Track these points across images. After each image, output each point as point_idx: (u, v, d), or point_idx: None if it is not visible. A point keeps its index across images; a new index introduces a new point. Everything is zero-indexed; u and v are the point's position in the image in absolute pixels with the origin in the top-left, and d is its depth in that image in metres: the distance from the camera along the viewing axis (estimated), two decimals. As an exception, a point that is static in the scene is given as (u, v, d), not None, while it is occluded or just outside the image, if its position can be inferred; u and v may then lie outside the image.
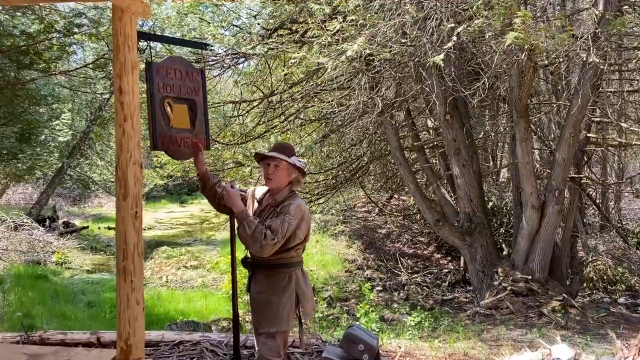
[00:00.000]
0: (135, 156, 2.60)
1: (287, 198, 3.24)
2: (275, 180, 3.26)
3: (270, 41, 5.86)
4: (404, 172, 7.73)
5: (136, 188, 2.61)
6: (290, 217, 3.11)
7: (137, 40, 2.61)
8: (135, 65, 2.58)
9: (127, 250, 2.60)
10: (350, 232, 12.54)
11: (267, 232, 3.04)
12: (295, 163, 3.26)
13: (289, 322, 3.21)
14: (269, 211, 3.25)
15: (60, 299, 9.76)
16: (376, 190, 12.64)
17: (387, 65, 5.60)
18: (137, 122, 2.60)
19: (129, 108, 2.57)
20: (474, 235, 7.34)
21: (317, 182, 9.34)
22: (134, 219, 2.60)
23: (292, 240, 3.18)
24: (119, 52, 2.56)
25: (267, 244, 3.02)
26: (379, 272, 10.67)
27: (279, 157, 3.22)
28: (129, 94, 2.57)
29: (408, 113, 8.11)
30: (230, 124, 7.19)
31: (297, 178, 3.31)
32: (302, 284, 3.29)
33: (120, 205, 2.60)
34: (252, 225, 3.04)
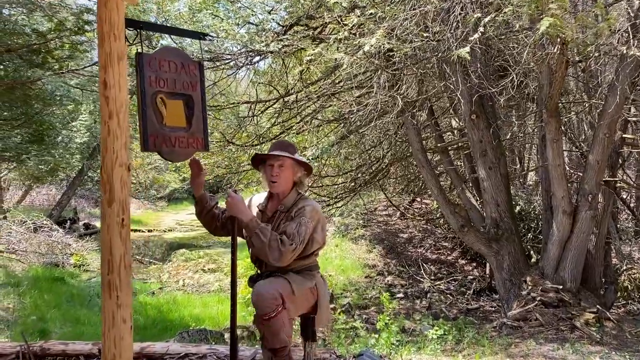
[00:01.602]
0: (121, 157, 2.32)
1: (298, 201, 2.97)
2: (281, 182, 2.98)
3: (284, 37, 5.58)
4: (426, 175, 7.36)
5: (123, 193, 2.33)
6: (306, 220, 2.87)
7: (124, 29, 2.34)
8: (121, 56, 2.31)
9: (113, 262, 2.32)
10: (370, 236, 12.19)
11: (284, 237, 2.78)
12: (306, 162, 2.99)
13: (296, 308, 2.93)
14: (279, 219, 2.97)
15: (75, 302, 9.64)
16: (397, 194, 12.27)
17: (408, 61, 5.26)
18: (124, 120, 2.32)
19: (114, 104, 2.29)
20: (501, 242, 6.95)
21: (336, 185, 9.03)
22: (120, 227, 2.33)
23: (310, 245, 2.93)
24: (103, 41, 2.29)
25: (286, 251, 2.77)
26: (401, 278, 10.30)
27: (282, 154, 2.93)
28: (114, 88, 2.29)
29: (431, 112, 7.74)
30: (245, 125, 6.93)
31: (301, 178, 3.03)
32: (323, 289, 3.04)
33: (105, 212, 2.33)
34: (267, 233, 2.78)
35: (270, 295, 2.77)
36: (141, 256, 14.50)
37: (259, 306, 2.79)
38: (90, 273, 12.22)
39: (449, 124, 9.37)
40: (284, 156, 2.96)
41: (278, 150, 2.99)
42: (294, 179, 3.01)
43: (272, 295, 2.77)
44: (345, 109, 6.80)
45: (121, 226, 2.34)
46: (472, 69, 5.68)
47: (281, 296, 2.80)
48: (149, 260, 14.03)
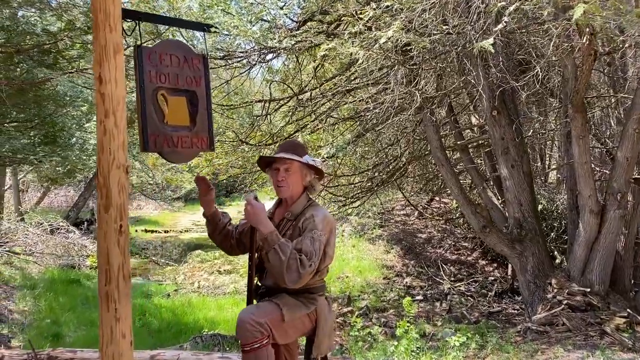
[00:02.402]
0: (119, 159, 2.15)
1: (307, 208, 2.71)
2: (287, 187, 2.73)
3: (297, 33, 5.39)
4: (446, 174, 7.12)
5: (121, 197, 2.16)
6: (319, 234, 2.58)
7: (121, 20, 2.16)
8: (118, 49, 2.13)
9: (111, 272, 2.15)
10: (388, 237, 11.95)
11: (303, 258, 2.48)
12: (309, 162, 2.74)
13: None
14: (286, 228, 2.73)
15: (90, 304, 9.58)
16: (416, 193, 12.00)
17: (426, 55, 5.04)
18: (121, 118, 2.15)
19: (110, 101, 2.12)
20: (525, 243, 6.68)
21: (352, 185, 8.82)
22: (118, 234, 2.15)
23: (322, 261, 2.64)
24: (98, 33, 2.12)
25: (305, 273, 2.47)
26: (420, 279, 10.05)
27: (289, 157, 2.71)
28: (110, 84, 2.12)
29: (450, 109, 7.49)
30: (259, 124, 6.75)
31: (312, 182, 2.78)
32: (324, 312, 2.76)
33: (101, 218, 2.15)
34: (287, 251, 2.48)
35: (254, 322, 2.50)
36: (157, 257, 14.46)
37: (241, 335, 2.52)
38: (106, 275, 12.16)
39: (469, 121, 9.10)
40: (290, 159, 2.73)
41: (284, 152, 2.74)
42: (303, 184, 2.78)
43: (256, 322, 2.50)
44: (361, 107, 6.58)
45: (119, 233, 2.16)
46: (493, 63, 5.43)
47: (267, 324, 2.53)
48: (165, 261, 13.97)
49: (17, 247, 11.98)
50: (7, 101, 5.88)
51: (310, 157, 2.78)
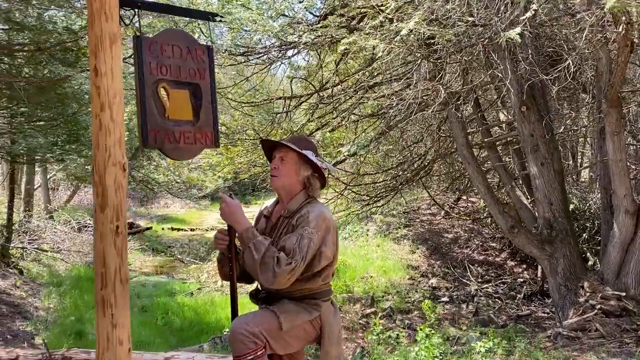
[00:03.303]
0: (115, 156, 2.04)
1: (304, 205, 2.55)
2: (278, 177, 2.56)
3: (317, 27, 5.23)
4: (472, 172, 6.87)
5: (118, 196, 2.05)
6: (309, 231, 2.39)
7: (119, 8, 2.05)
8: (114, 39, 2.02)
9: (107, 276, 2.03)
10: (413, 236, 11.69)
11: (281, 255, 2.33)
12: (312, 159, 2.57)
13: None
14: (282, 226, 2.57)
15: (114, 303, 9.58)
16: (441, 192, 11.72)
17: (450, 48, 4.82)
18: (118, 112, 2.03)
19: (106, 94, 2.01)
20: (555, 244, 6.40)
21: (376, 184, 8.62)
22: (115, 235, 2.04)
23: (317, 261, 2.46)
24: (93, 22, 2.01)
25: (281, 272, 2.30)
26: (445, 280, 9.79)
27: (287, 145, 2.55)
28: (106, 76, 2.01)
29: (477, 105, 7.23)
30: (280, 121, 6.62)
31: (310, 179, 2.60)
32: (329, 319, 2.59)
33: (97, 219, 2.04)
34: (262, 248, 2.34)
35: (247, 332, 2.35)
36: (183, 255, 14.50)
37: (233, 346, 2.38)
38: (131, 273, 12.22)
39: (497, 117, 8.81)
40: (287, 147, 2.55)
41: (288, 142, 2.61)
42: (299, 177, 2.60)
43: (249, 332, 2.35)
44: (385, 103, 6.40)
45: (115, 234, 2.05)
46: (521, 56, 5.18)
47: (262, 334, 2.37)
48: (190, 259, 13.99)
49: (45, 244, 12.16)
50: (27, 100, 5.87)
51: (315, 155, 2.61)
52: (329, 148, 6.53)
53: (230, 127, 6.49)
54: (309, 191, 2.59)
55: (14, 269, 9.76)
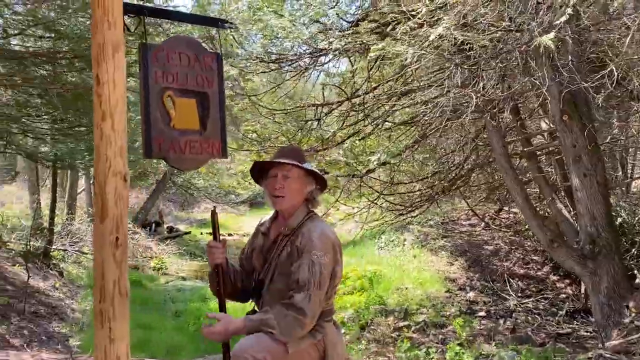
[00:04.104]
0: (116, 166, 1.98)
1: (305, 222, 2.43)
2: (286, 197, 2.45)
3: (348, 33, 5.13)
4: (510, 183, 6.61)
5: (118, 207, 1.99)
6: (319, 256, 2.28)
7: (123, 15, 2.00)
8: (117, 47, 1.97)
9: (105, 289, 1.98)
10: (452, 248, 11.38)
11: (293, 299, 2.21)
12: (313, 170, 2.45)
13: None
14: (282, 244, 2.46)
15: (149, 306, 9.73)
16: (481, 202, 11.38)
17: (485, 54, 4.63)
18: (120, 122, 1.98)
19: (107, 103, 1.96)
20: (598, 260, 6.06)
21: (411, 193, 8.42)
22: (114, 247, 1.98)
23: (332, 282, 2.36)
24: (96, 30, 1.96)
25: (307, 317, 2.22)
26: (484, 294, 9.46)
27: (288, 162, 2.43)
28: (108, 85, 1.96)
29: (516, 113, 6.96)
30: (312, 128, 6.54)
31: (313, 193, 2.48)
32: (333, 341, 2.47)
33: (97, 230, 1.99)
34: (272, 322, 2.23)
35: (252, 358, 2.23)
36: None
37: None
38: (167, 277, 12.41)
39: (538, 126, 8.48)
40: (290, 164, 2.43)
41: (283, 157, 2.46)
42: (304, 194, 2.49)
43: (254, 358, 2.24)
44: (418, 110, 6.23)
45: (115, 246, 1.99)
46: (561, 63, 4.93)
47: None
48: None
49: (86, 247, 12.45)
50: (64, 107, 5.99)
51: (310, 164, 2.50)
52: (360, 156, 6.40)
53: (262, 134, 6.46)
54: (311, 205, 2.47)
55: (54, 271, 10.02)
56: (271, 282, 2.45)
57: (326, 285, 2.30)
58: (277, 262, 2.40)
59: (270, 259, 2.46)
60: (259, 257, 2.56)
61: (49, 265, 9.99)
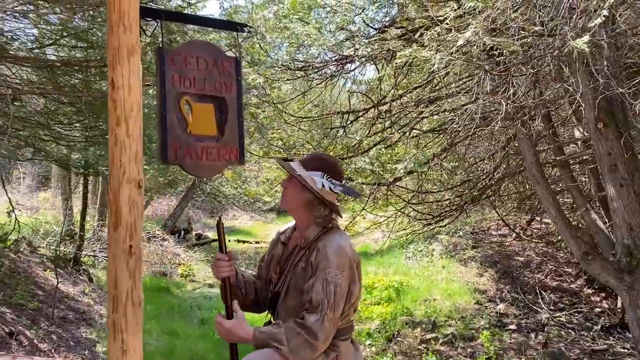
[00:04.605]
0: (131, 172, 1.94)
1: (321, 236, 2.34)
2: (284, 199, 2.44)
3: (373, 40, 5.06)
4: (542, 193, 6.40)
5: (132, 215, 1.94)
6: (333, 273, 2.19)
7: (139, 19, 1.97)
8: (133, 50, 1.94)
9: (118, 299, 1.93)
10: (482, 258, 11.15)
11: (306, 319, 2.13)
12: (306, 180, 2.34)
13: None
14: (297, 255, 2.38)
15: (175, 313, 9.76)
16: (511, 212, 11.11)
17: (514, 60, 4.49)
18: (135, 127, 1.94)
19: (122, 108, 1.92)
20: (636, 274, 5.81)
21: (439, 202, 8.25)
22: (127, 255, 1.94)
23: (348, 301, 2.26)
24: (112, 34, 1.93)
25: (320, 339, 2.13)
26: (515, 307, 9.22)
27: (287, 168, 2.38)
28: (123, 89, 1.92)
29: (548, 121, 6.75)
30: (336, 136, 6.47)
31: (314, 204, 2.38)
32: (348, 358, 2.36)
33: (111, 238, 1.95)
34: (281, 338, 2.14)
35: None
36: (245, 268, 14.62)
37: None
38: (194, 284, 12.46)
39: (571, 134, 8.23)
40: (289, 171, 2.38)
41: (297, 162, 2.43)
42: (302, 202, 2.38)
43: None
44: (447, 118, 6.10)
45: (129, 255, 1.95)
46: (597, 68, 4.75)
47: None
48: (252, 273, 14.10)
49: (116, 253, 12.61)
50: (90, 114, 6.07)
51: (325, 176, 2.37)
52: (387, 164, 6.29)
53: (287, 142, 6.43)
54: (321, 221, 2.37)
55: (84, 276, 10.16)
56: (286, 295, 2.37)
57: (341, 307, 2.20)
58: (292, 275, 2.33)
59: (286, 271, 2.38)
60: (276, 267, 2.49)
61: (79, 270, 10.13)
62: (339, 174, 2.44)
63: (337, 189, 2.36)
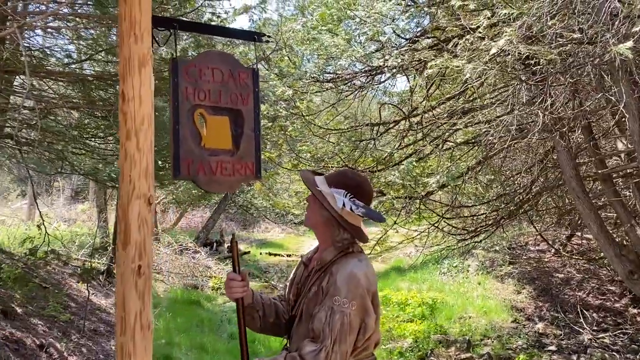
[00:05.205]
0: (140, 188, 1.85)
1: (337, 259, 2.17)
2: (307, 216, 2.27)
3: (404, 50, 4.91)
4: (582, 208, 6.11)
5: (141, 233, 1.85)
6: (341, 302, 2.01)
7: (152, 28, 1.88)
8: (144, 61, 1.85)
9: (126, 322, 1.83)
10: (519, 275, 10.77)
11: (304, 350, 1.98)
12: (325, 198, 2.17)
13: None
14: (313, 280, 2.22)
15: (205, 327, 9.71)
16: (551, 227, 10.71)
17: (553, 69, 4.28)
18: (145, 141, 1.85)
19: (133, 121, 1.84)
20: (686, 295, 5.46)
21: (474, 217, 7.99)
22: (136, 276, 1.84)
23: (361, 336, 2.05)
24: (122, 44, 1.86)
25: None
26: (554, 326, 8.82)
27: (307, 182, 2.22)
28: (133, 102, 1.84)
29: (589, 132, 6.46)
30: (367, 148, 6.32)
31: (335, 227, 2.20)
32: None
33: (119, 257, 1.86)
34: None
35: None
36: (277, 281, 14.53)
37: None
38: (225, 297, 12.39)
39: (614, 146, 7.86)
40: (310, 188, 2.22)
41: (322, 179, 2.26)
42: (323, 217, 2.19)
43: None
44: (481, 129, 5.89)
45: (137, 275, 1.85)
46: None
47: None
48: (282, 286, 13.99)
49: (148, 265, 12.71)
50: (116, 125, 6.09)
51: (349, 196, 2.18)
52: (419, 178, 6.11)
53: (316, 154, 6.32)
54: (340, 245, 2.20)
55: (116, 289, 10.23)
56: (300, 320, 2.23)
57: (349, 340, 2.00)
58: (306, 299, 2.19)
59: (302, 295, 2.24)
60: (295, 289, 2.36)
61: (111, 282, 10.21)
62: (365, 195, 2.22)
63: (358, 210, 2.13)
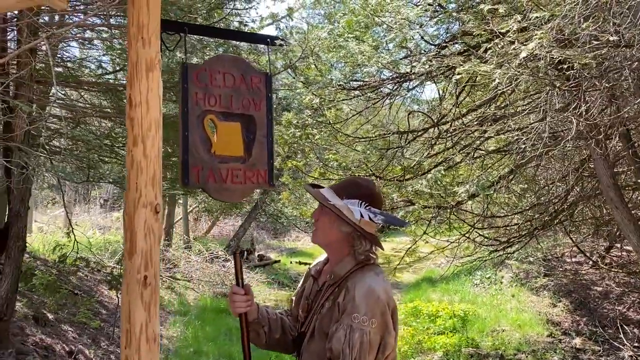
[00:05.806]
0: (147, 196, 1.79)
1: (353, 272, 2.06)
2: (315, 232, 2.12)
3: (432, 56, 4.80)
4: (621, 218, 5.84)
5: (147, 242, 1.79)
6: (360, 320, 1.89)
7: (160, 32, 1.84)
8: (152, 66, 1.81)
9: (132, 333, 1.78)
10: (555, 287, 10.42)
11: None
12: (341, 211, 2.03)
13: None
14: (326, 295, 2.11)
15: (232, 336, 9.70)
16: (587, 238, 10.34)
17: (588, 73, 4.10)
18: (152, 148, 1.80)
19: (140, 127, 1.79)
20: None
21: (507, 227, 7.75)
22: (142, 286, 1.78)
23: (380, 354, 1.94)
24: (130, 48, 1.82)
25: None
26: (593, 341, 8.47)
27: (317, 197, 2.09)
28: (140, 107, 1.79)
29: (627, 140, 6.19)
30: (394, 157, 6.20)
31: (353, 237, 2.09)
32: None
33: (126, 267, 1.81)
34: None
35: None
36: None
37: None
38: (254, 306, 12.38)
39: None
40: (320, 200, 2.08)
41: (328, 189, 2.10)
42: (339, 235, 2.06)
43: None
44: (513, 137, 5.70)
45: (143, 285, 1.79)
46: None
47: None
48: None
49: (179, 273, 12.81)
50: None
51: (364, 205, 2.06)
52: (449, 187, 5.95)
53: (342, 163, 6.24)
54: (363, 258, 2.09)
55: (147, 296, 10.30)
56: (311, 338, 2.12)
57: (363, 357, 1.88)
58: (318, 316, 2.08)
59: (314, 310, 2.14)
60: (304, 304, 2.25)
61: (142, 290, 10.29)
62: (378, 201, 2.12)
63: (377, 218, 2.01)
